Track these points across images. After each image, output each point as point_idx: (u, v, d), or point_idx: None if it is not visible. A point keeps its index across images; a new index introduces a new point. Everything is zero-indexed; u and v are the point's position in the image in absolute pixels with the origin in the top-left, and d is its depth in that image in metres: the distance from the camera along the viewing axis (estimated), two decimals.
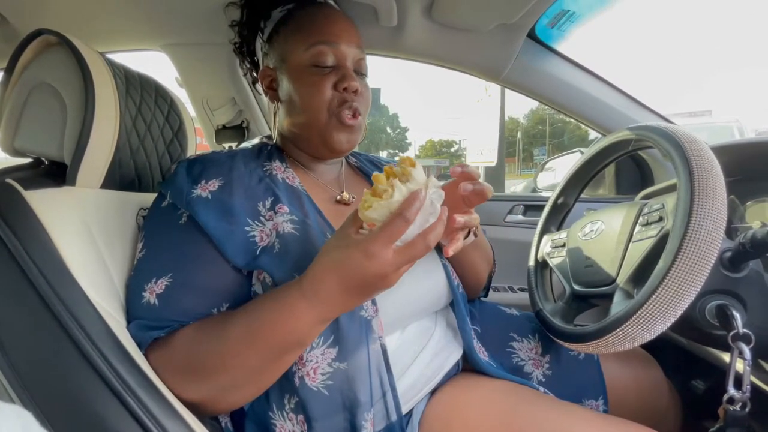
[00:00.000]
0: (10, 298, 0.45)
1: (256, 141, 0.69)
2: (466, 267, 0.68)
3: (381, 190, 0.41)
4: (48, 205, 0.49)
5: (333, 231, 0.57)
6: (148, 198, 0.61)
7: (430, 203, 0.42)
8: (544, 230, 0.83)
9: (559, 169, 1.51)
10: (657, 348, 0.70)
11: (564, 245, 0.76)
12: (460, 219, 0.48)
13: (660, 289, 0.47)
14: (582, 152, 1.04)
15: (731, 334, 0.49)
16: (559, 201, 0.82)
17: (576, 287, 0.69)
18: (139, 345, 0.49)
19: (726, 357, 0.62)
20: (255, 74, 0.74)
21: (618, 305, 0.56)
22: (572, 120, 1.20)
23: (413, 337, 0.60)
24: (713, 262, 0.46)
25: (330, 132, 0.60)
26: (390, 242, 0.40)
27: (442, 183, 0.45)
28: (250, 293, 0.53)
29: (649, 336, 0.50)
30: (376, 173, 0.43)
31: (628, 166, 1.26)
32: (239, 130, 1.27)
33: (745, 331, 0.49)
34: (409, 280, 0.57)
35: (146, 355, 0.49)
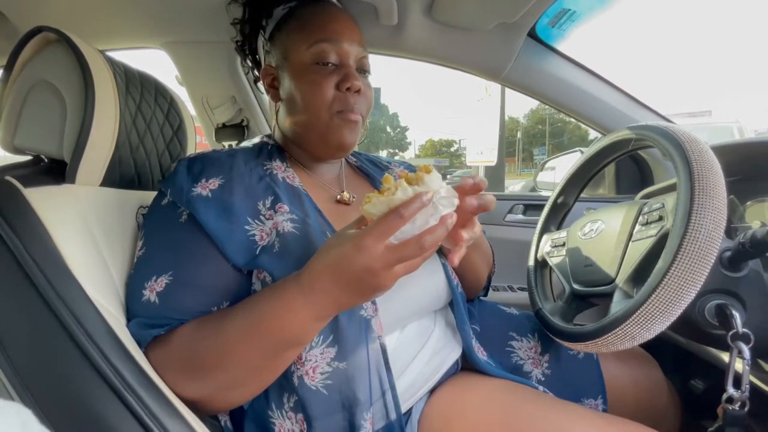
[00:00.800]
0: (10, 296, 0.45)
1: (256, 140, 0.69)
2: (466, 268, 0.68)
3: (385, 189, 0.42)
4: (48, 202, 0.49)
5: (333, 231, 0.57)
6: (148, 196, 0.61)
7: (433, 206, 0.41)
8: (544, 230, 0.83)
9: (559, 169, 1.51)
10: (656, 347, 0.70)
11: (564, 245, 0.76)
12: (465, 236, 0.49)
13: (659, 288, 0.47)
14: (582, 152, 1.04)
15: (730, 333, 0.49)
16: (559, 200, 0.83)
17: (575, 286, 0.69)
18: (139, 343, 0.49)
19: (725, 356, 0.62)
20: (257, 73, 0.73)
21: (617, 304, 0.56)
22: (572, 120, 1.20)
23: (412, 336, 0.60)
24: (713, 261, 0.47)
25: (331, 132, 0.60)
26: (383, 237, 0.40)
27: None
28: (250, 292, 0.53)
29: (649, 335, 0.50)
30: (387, 175, 0.43)
31: (628, 165, 1.26)
32: (239, 129, 1.27)
33: (745, 330, 0.49)
34: (408, 280, 0.56)
35: (146, 354, 0.49)
